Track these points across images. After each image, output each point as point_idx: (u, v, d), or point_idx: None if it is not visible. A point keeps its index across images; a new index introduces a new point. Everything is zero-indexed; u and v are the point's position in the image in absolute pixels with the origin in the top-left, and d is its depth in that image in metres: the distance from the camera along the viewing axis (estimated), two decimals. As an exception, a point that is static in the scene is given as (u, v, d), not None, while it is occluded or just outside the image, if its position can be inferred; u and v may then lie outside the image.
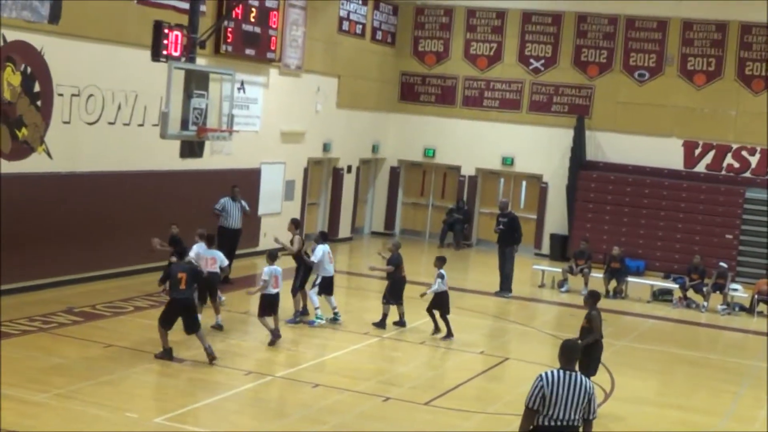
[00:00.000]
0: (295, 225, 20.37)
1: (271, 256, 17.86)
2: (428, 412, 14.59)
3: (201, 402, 14.26)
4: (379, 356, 18.10)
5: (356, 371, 16.56)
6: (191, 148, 24.51)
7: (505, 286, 25.10)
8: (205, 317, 17.95)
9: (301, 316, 19.61)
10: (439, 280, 19.45)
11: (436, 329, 19.53)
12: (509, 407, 14.93)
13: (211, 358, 15.87)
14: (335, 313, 19.78)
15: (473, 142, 33.90)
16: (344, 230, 32.59)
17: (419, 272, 26.52)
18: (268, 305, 17.55)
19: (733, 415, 16.19)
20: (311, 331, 19.15)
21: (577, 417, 9.69)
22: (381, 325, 19.68)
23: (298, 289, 19.79)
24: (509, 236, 25.18)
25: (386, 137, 34.53)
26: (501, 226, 25.27)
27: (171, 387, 15.07)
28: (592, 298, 15.35)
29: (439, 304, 19.50)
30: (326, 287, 19.69)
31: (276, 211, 28.26)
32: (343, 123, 31.68)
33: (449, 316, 19.48)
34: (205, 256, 18.31)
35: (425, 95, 34.82)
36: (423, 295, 19.87)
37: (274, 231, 27.10)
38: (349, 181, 32.67)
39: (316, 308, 19.51)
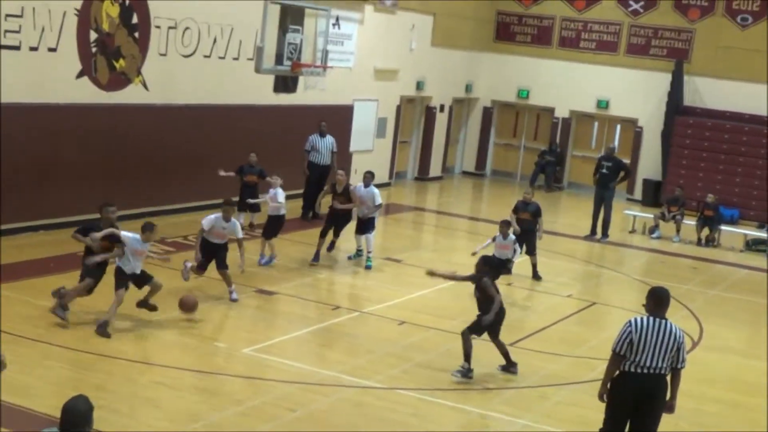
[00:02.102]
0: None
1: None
2: (513, 353, 14.58)
3: (289, 335, 14.46)
4: (464, 296, 18.03)
5: (442, 310, 16.62)
6: (285, 83, 24.62)
7: (605, 231, 24.90)
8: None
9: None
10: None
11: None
12: (595, 351, 14.88)
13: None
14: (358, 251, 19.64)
15: (568, 84, 33.47)
16: (435, 169, 32.55)
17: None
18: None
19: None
20: (397, 269, 19.23)
21: (664, 365, 9.60)
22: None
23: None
24: (611, 180, 24.94)
25: (480, 77, 34.25)
26: (604, 170, 25.04)
27: (259, 319, 15.29)
28: (485, 263, 13.34)
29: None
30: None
31: (368, 148, 28.34)
32: (437, 61, 31.50)
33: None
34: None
35: (521, 35, 34.42)
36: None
37: (365, 168, 27.24)
38: (441, 120, 32.56)
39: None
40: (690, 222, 26.31)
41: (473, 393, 12.79)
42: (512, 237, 18.18)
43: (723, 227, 26.57)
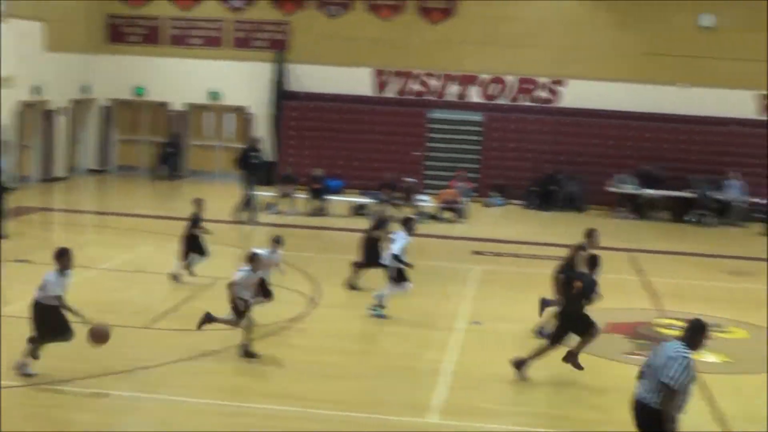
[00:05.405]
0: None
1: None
2: (149, 333, 14.40)
3: None
4: (97, 287, 17.54)
5: (74, 302, 16.00)
6: None
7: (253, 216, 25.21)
8: None
9: None
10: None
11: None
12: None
13: None
14: None
15: (181, 79, 33.28)
16: (60, 170, 31.33)
17: (138, 205, 26.04)
18: None
19: (421, 311, 16.80)
20: (25, 268, 18.29)
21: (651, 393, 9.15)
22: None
23: None
24: (260, 169, 26.10)
25: (97, 78, 33.21)
26: (254, 161, 25.81)
27: None
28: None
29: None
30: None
31: (-10, 154, 26.84)
32: (53, 66, 30.26)
33: None
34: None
35: (133, 36, 33.81)
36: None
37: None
38: (62, 122, 31.37)
39: None
40: (302, 195, 26.99)
41: (108, 378, 12.43)
42: None
43: (331, 197, 27.48)
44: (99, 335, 12.38)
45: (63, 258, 12.50)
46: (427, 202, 27.22)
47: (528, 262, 21.88)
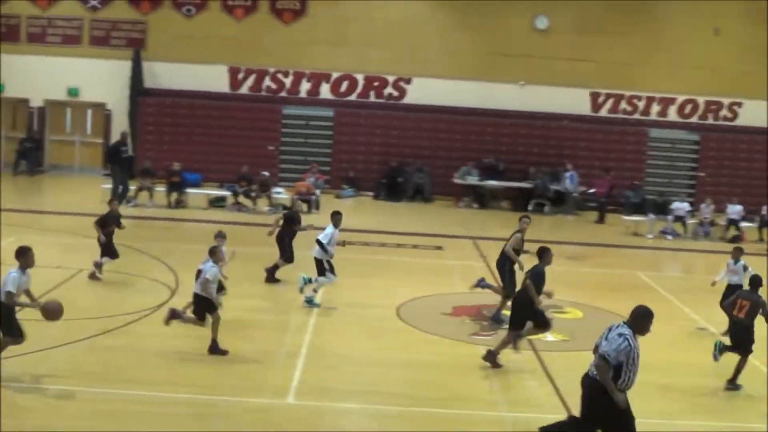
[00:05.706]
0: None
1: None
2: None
3: None
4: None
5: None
6: None
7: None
8: None
9: None
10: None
11: None
12: (87, 312, 14.84)
13: None
14: None
15: (40, 76, 32.51)
16: None
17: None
18: None
19: (281, 298, 17.01)
20: None
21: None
22: None
23: None
24: (129, 162, 26.60)
25: (-47, 74, 32.23)
26: (125, 155, 26.69)
27: None
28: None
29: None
30: None
31: None
32: None
33: None
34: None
35: (-11, 33, 32.88)
36: None
37: None
38: None
39: None
40: (161, 189, 26.82)
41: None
42: (741, 262, 16.43)
43: (189, 190, 27.38)
44: (52, 312, 12.18)
45: (24, 256, 12.14)
46: (282, 194, 27.40)
47: (377, 249, 22.31)
